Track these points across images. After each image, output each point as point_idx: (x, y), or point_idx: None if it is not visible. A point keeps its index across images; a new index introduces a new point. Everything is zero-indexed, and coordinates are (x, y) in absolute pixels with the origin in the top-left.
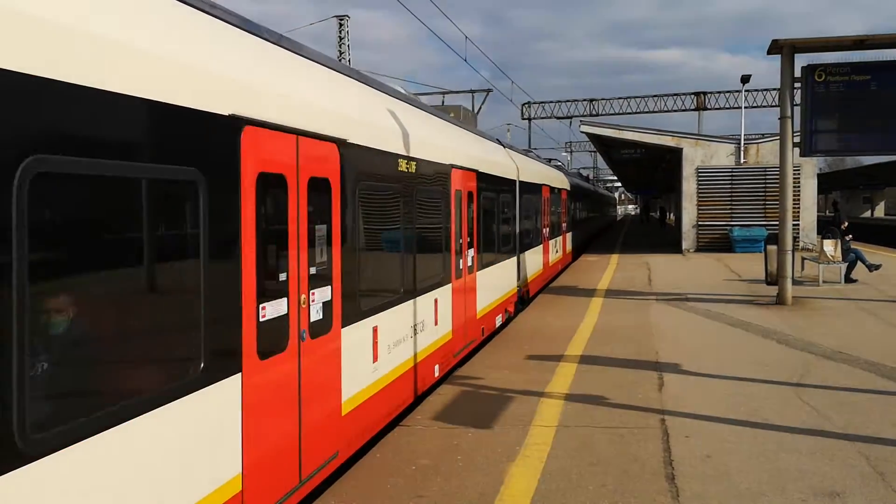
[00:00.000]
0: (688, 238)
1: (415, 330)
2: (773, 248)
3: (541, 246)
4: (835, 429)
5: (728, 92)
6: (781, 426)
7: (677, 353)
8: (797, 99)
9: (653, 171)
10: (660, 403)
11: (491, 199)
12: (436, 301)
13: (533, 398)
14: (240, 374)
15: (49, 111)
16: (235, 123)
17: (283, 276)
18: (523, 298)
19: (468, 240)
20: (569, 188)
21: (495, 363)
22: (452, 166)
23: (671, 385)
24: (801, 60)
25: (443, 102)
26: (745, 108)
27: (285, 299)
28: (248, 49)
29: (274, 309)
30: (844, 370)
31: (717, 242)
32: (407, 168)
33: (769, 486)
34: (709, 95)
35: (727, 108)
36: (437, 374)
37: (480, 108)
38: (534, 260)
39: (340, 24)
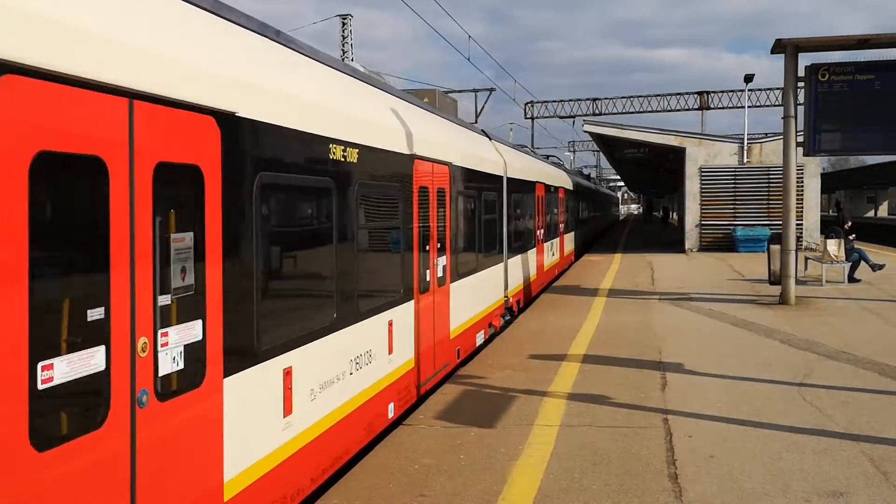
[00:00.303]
0: (691, 238)
1: (357, 364)
2: (776, 247)
3: (534, 249)
4: (838, 429)
5: (731, 91)
6: (785, 426)
7: (680, 353)
8: (801, 98)
9: (656, 170)
10: (663, 403)
11: (471, 198)
12: (390, 324)
13: (536, 397)
14: None
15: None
16: None
17: (95, 313)
18: (512, 309)
19: (438, 246)
20: (567, 186)
21: (498, 362)
22: (415, 157)
23: (674, 385)
24: (804, 60)
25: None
26: (749, 107)
27: (102, 348)
28: None
29: (71, 367)
30: (848, 370)
31: (721, 242)
32: (343, 157)
33: (772, 486)
34: (712, 95)
35: (731, 108)
36: (392, 415)
37: (483, 107)
38: (526, 265)
39: (343, 24)
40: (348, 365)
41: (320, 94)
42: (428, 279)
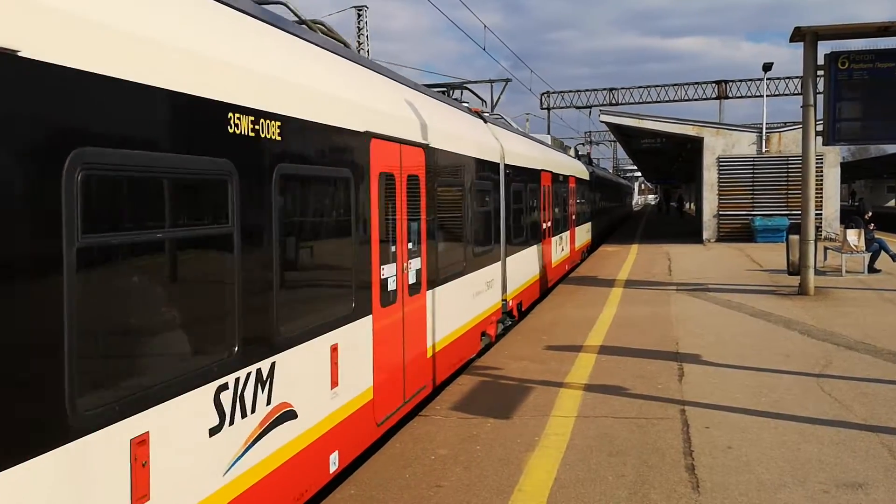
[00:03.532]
0: (708, 228)
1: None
2: (795, 237)
3: (538, 245)
4: (857, 420)
5: (750, 80)
6: (803, 417)
7: (698, 344)
8: (820, 87)
9: (673, 160)
10: (680, 394)
11: (457, 188)
12: (333, 349)
13: (552, 388)
14: None
15: None
16: None
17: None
18: (512, 314)
19: (410, 246)
20: (578, 175)
21: (514, 353)
22: (372, 136)
23: (691, 375)
24: (824, 48)
25: (461, 94)
26: (767, 96)
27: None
28: None
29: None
30: (867, 361)
31: (739, 232)
32: (250, 130)
33: (790, 478)
34: (730, 84)
35: (749, 97)
36: (336, 468)
37: (499, 97)
38: (530, 263)
39: (359, 14)
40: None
41: (202, 41)
42: (393, 287)
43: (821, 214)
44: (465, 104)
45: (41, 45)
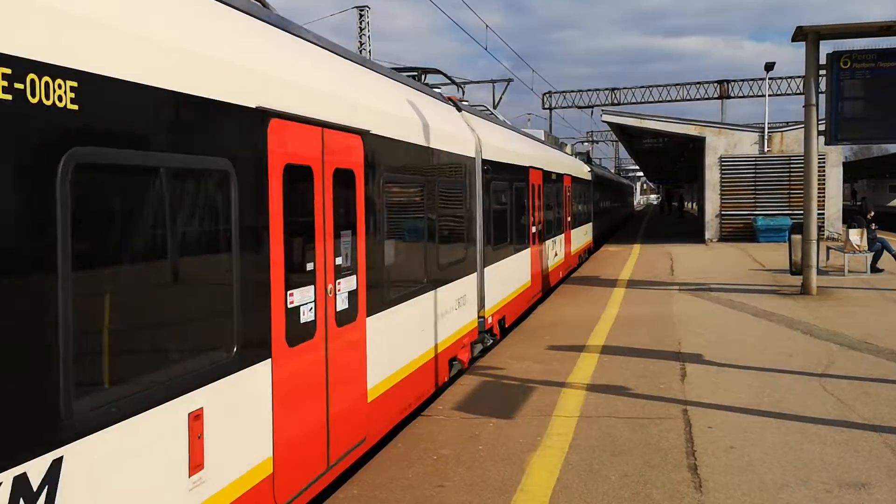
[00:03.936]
0: (711, 227)
1: None
2: (797, 237)
3: (526, 251)
4: (860, 419)
5: (752, 80)
6: (806, 417)
7: (700, 344)
8: (822, 87)
9: (675, 160)
10: (682, 394)
11: (413, 186)
12: (196, 417)
13: (554, 388)
14: None
15: None
16: None
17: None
18: (492, 332)
19: (340, 262)
20: (574, 174)
21: (517, 353)
22: (270, 114)
23: (694, 375)
24: (826, 47)
25: (462, 93)
26: (770, 96)
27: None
28: None
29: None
30: (870, 360)
31: (741, 232)
32: (22, 95)
33: (793, 477)
34: (732, 84)
35: (751, 97)
36: None
37: (501, 97)
38: (514, 272)
39: (361, 15)
40: None
41: None
42: (309, 318)
43: (823, 214)
44: (438, 90)
45: None
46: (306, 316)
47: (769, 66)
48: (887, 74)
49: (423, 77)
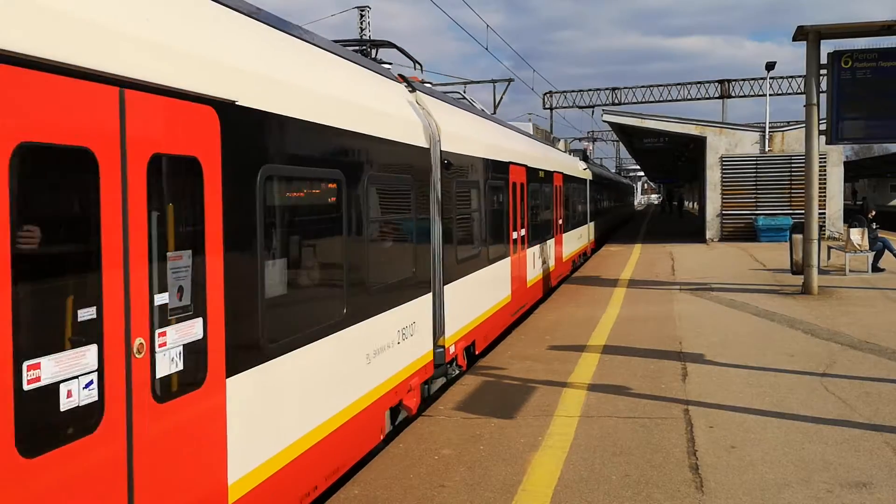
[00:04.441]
0: (711, 227)
1: None
2: (798, 237)
3: (505, 260)
4: (861, 419)
5: (753, 79)
6: (807, 416)
7: (701, 344)
8: (823, 86)
9: (676, 160)
10: (683, 393)
11: (323, 182)
12: None
13: (556, 388)
14: None
15: None
16: None
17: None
18: (456, 362)
19: (168, 302)
20: (568, 172)
21: (518, 353)
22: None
23: (695, 375)
24: (827, 47)
25: (422, 71)
26: (771, 95)
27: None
28: None
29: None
30: (871, 360)
31: (742, 232)
32: None
33: (794, 477)
34: (733, 83)
35: (752, 96)
36: None
37: (502, 97)
38: (489, 286)
39: (361, 15)
40: None
41: None
42: (86, 400)
43: (824, 213)
44: (388, 65)
45: None
46: (77, 397)
47: (770, 66)
48: (888, 74)
49: (374, 52)
